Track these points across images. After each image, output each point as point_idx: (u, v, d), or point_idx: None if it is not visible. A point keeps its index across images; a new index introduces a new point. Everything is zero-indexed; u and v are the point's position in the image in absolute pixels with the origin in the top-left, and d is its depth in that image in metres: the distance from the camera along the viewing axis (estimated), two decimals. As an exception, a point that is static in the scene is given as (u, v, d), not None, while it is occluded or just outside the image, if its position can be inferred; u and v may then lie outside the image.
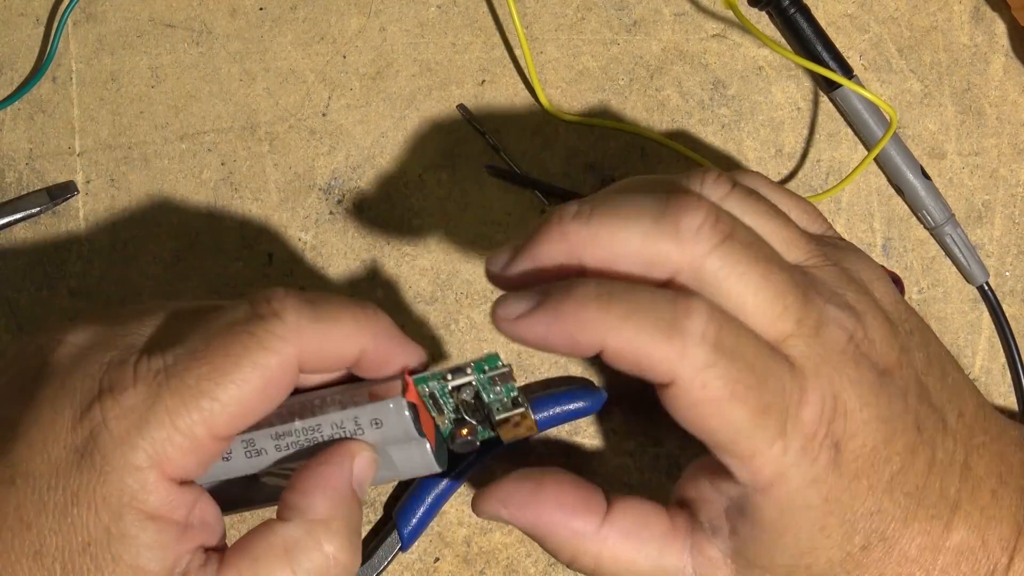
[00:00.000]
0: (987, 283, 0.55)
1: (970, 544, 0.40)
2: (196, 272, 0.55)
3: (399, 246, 0.55)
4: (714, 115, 0.56)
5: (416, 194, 0.56)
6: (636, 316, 0.37)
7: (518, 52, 0.56)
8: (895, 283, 0.52)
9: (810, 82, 0.56)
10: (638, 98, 0.56)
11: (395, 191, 0.56)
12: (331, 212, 0.55)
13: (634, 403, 0.54)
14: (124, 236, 0.55)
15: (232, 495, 0.44)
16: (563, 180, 0.55)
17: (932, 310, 0.55)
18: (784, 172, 0.56)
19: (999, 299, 0.55)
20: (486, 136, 0.56)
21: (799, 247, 0.40)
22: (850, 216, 0.56)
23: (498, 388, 0.42)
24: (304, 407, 0.42)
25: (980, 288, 0.55)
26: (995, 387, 0.55)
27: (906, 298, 0.54)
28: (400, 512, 0.53)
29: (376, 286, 0.55)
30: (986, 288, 0.55)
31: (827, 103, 0.56)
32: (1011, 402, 0.55)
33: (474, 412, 0.42)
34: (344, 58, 0.56)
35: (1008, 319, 0.55)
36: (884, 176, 0.56)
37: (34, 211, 0.55)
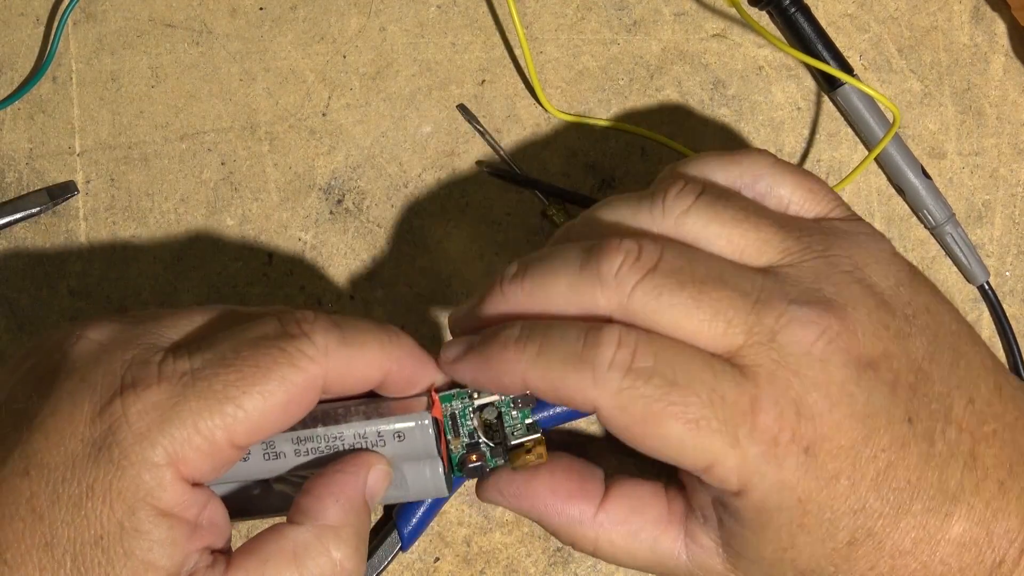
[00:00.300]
0: (987, 283, 0.55)
1: (973, 536, 0.39)
2: (196, 272, 0.55)
3: (399, 246, 0.55)
4: (714, 115, 0.56)
5: (416, 194, 0.56)
6: (548, 352, 0.39)
7: (518, 52, 0.56)
8: None
9: (810, 82, 0.56)
10: (638, 98, 0.56)
11: (395, 191, 0.56)
12: (331, 212, 0.55)
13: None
14: (124, 236, 0.55)
15: (242, 501, 0.44)
16: (563, 180, 0.55)
17: (932, 310, 0.56)
18: (784, 172, 0.56)
19: (999, 299, 0.55)
20: (486, 136, 0.56)
21: (773, 246, 0.40)
22: (850, 216, 0.56)
23: (515, 413, 0.42)
24: (328, 415, 0.42)
25: (980, 288, 0.55)
26: (995, 387, 0.55)
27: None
28: (400, 512, 0.53)
29: (376, 286, 0.55)
30: (986, 288, 0.55)
31: (827, 103, 0.56)
32: (1011, 402, 0.55)
33: (494, 433, 0.43)
34: (344, 58, 0.56)
35: (1008, 319, 0.55)
36: (884, 176, 0.56)
37: (34, 211, 0.55)
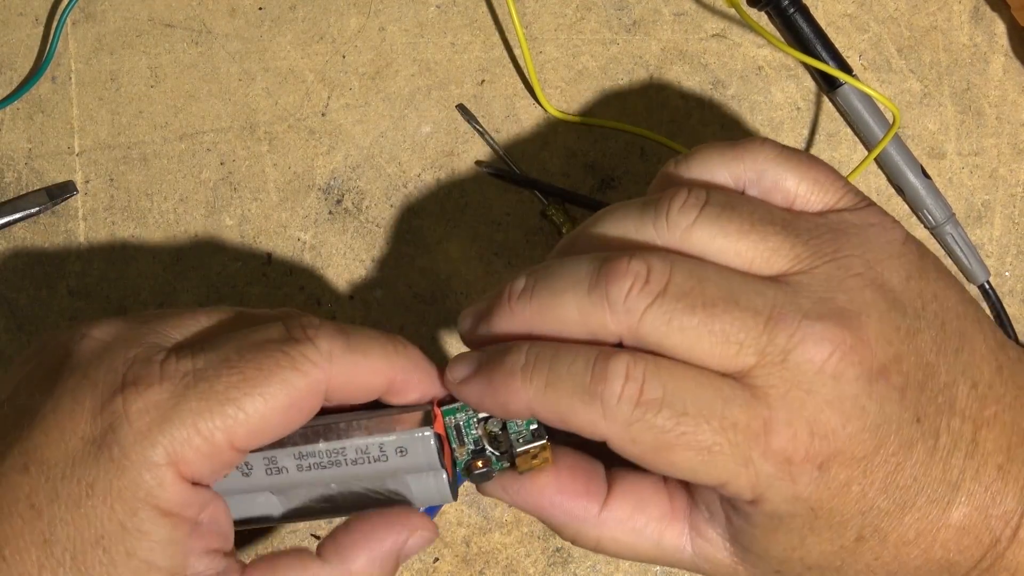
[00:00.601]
0: (988, 282, 0.55)
1: (972, 520, 0.40)
2: (195, 272, 0.55)
3: (399, 246, 0.55)
4: (714, 115, 0.56)
5: (416, 194, 0.55)
6: (555, 384, 0.39)
7: (518, 52, 0.56)
8: None
9: (810, 82, 0.56)
10: (638, 98, 0.56)
11: (394, 191, 0.56)
12: (330, 212, 0.55)
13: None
14: (123, 236, 0.55)
15: (245, 510, 0.44)
16: (562, 180, 0.55)
17: (932, 310, 0.55)
18: (784, 172, 0.56)
19: (999, 298, 0.55)
20: (485, 136, 0.56)
21: (782, 255, 0.40)
22: (850, 216, 0.56)
23: (519, 420, 0.42)
24: (329, 429, 0.42)
25: (981, 287, 0.55)
26: (996, 387, 0.55)
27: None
28: (400, 512, 0.53)
29: (376, 286, 0.55)
30: (987, 287, 0.55)
31: (827, 103, 0.56)
32: (1012, 402, 0.55)
33: (499, 443, 0.43)
34: (343, 58, 0.56)
35: (1009, 318, 0.55)
36: (884, 176, 0.56)
37: (33, 211, 0.55)
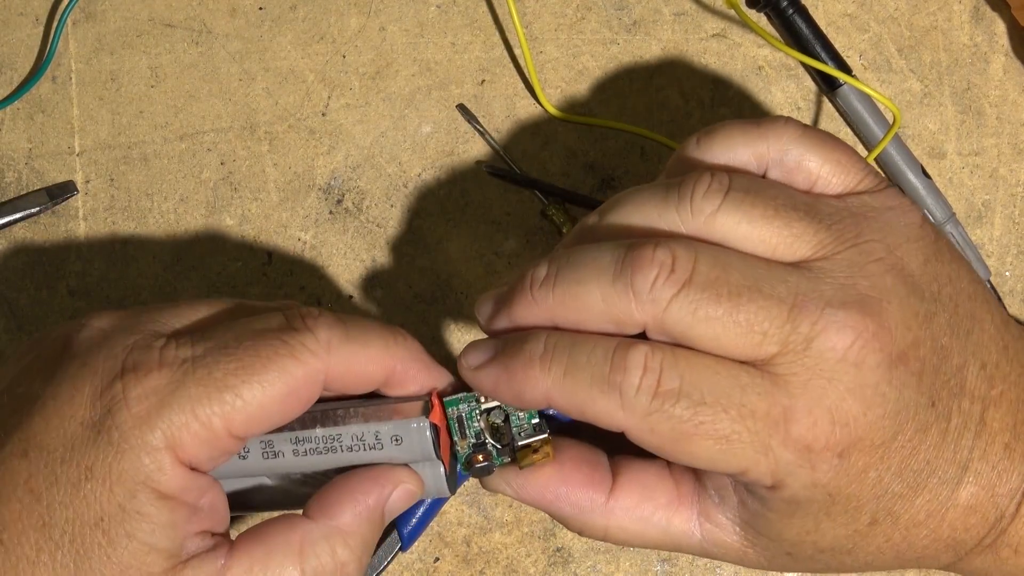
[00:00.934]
0: (988, 282, 0.55)
1: (979, 499, 0.40)
2: (196, 272, 0.55)
3: (399, 246, 0.55)
4: (714, 115, 0.56)
5: (416, 194, 0.55)
6: (574, 373, 0.39)
7: (518, 52, 0.56)
8: None
9: (810, 82, 0.56)
10: (638, 98, 0.56)
11: (395, 191, 0.56)
12: (331, 212, 0.55)
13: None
14: (124, 236, 0.55)
15: (241, 495, 0.44)
16: (562, 180, 0.55)
17: (933, 310, 0.55)
18: (784, 172, 0.56)
19: (1000, 298, 0.55)
20: (485, 136, 0.56)
21: (805, 241, 0.40)
22: (850, 216, 0.56)
23: (521, 413, 0.42)
24: (326, 416, 0.42)
25: (981, 287, 0.55)
26: (996, 387, 0.55)
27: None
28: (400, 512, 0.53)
29: (376, 286, 0.55)
30: (987, 287, 0.55)
31: (827, 103, 0.56)
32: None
33: (501, 436, 0.43)
34: (344, 58, 0.56)
35: (1009, 318, 0.55)
36: (884, 176, 0.56)
37: (34, 211, 0.55)
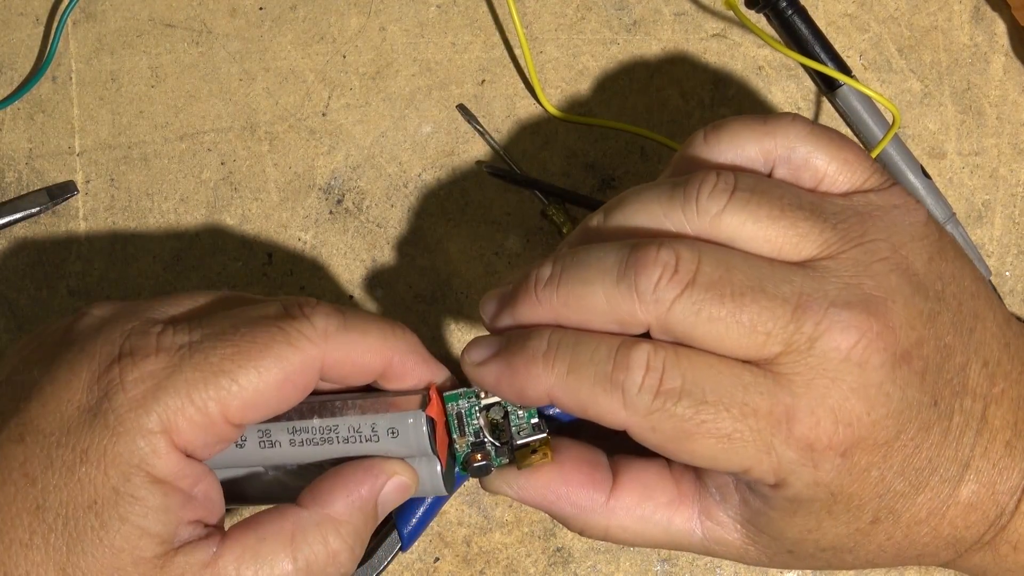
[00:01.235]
0: (988, 282, 0.55)
1: (980, 497, 0.40)
2: (196, 272, 0.55)
3: (399, 246, 0.55)
4: (714, 115, 0.56)
5: (416, 194, 0.56)
6: (577, 372, 0.39)
7: (518, 52, 0.56)
8: None
9: (811, 82, 0.56)
10: (638, 98, 0.56)
11: (395, 191, 0.56)
12: (331, 212, 0.55)
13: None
14: (124, 236, 0.55)
15: (238, 487, 0.44)
16: (563, 180, 0.55)
17: (933, 310, 0.55)
18: (784, 172, 0.56)
19: (1000, 298, 0.55)
20: (485, 136, 0.56)
21: (810, 240, 0.39)
22: (850, 216, 0.56)
23: (521, 412, 0.42)
24: (324, 406, 0.42)
25: (981, 287, 0.55)
26: (996, 387, 0.55)
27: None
28: (400, 512, 0.53)
29: (376, 286, 0.55)
30: (989, 284, 0.55)
31: (827, 103, 0.56)
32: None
33: (501, 433, 0.43)
34: (344, 58, 0.56)
35: (1009, 318, 0.55)
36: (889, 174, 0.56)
37: (34, 211, 0.55)
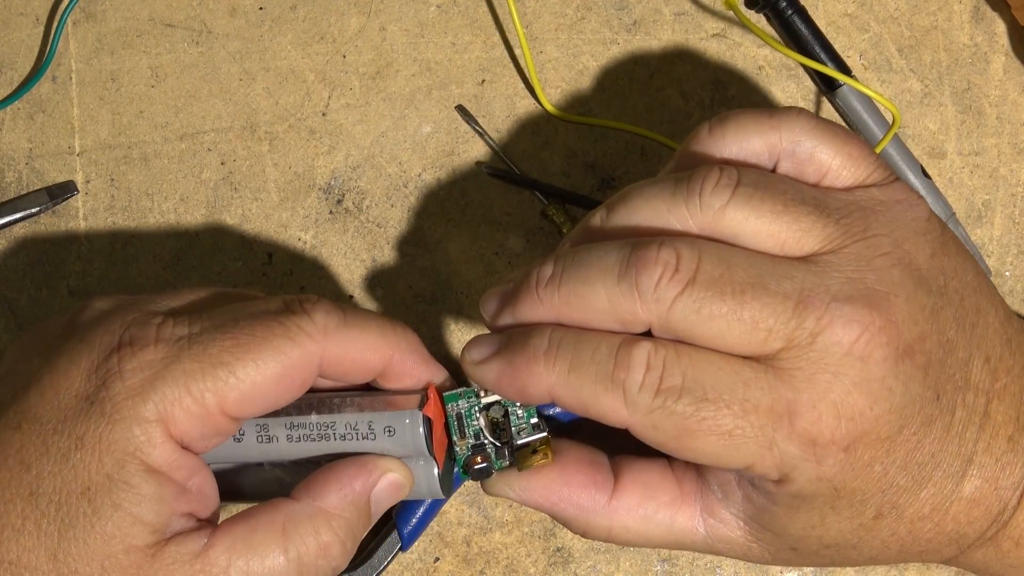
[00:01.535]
0: (988, 282, 0.55)
1: (983, 492, 0.40)
2: (196, 272, 0.55)
3: (399, 246, 0.55)
4: (714, 115, 0.56)
5: (416, 194, 0.56)
6: (579, 371, 0.39)
7: (518, 52, 0.56)
8: None
9: (810, 82, 0.56)
10: (638, 98, 0.56)
11: (395, 191, 0.56)
12: (331, 212, 0.55)
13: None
14: (124, 236, 0.55)
15: (235, 483, 0.44)
16: (563, 180, 0.55)
17: (932, 310, 0.55)
18: (784, 172, 0.56)
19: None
20: (485, 137, 0.56)
21: (813, 235, 0.40)
22: (850, 216, 0.56)
23: (520, 412, 0.42)
24: (322, 403, 0.42)
25: (980, 287, 0.55)
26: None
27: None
28: (400, 512, 0.53)
29: (376, 286, 0.55)
30: (991, 280, 0.55)
31: (827, 103, 0.56)
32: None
33: (501, 432, 0.43)
34: (344, 58, 0.56)
35: (1009, 318, 0.55)
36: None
37: (34, 211, 0.55)
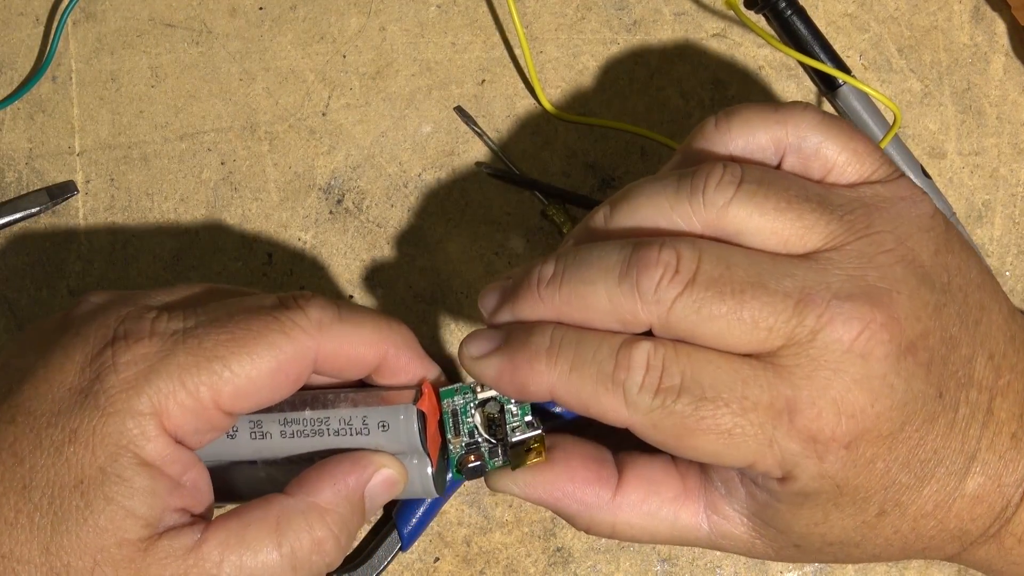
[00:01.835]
0: (988, 281, 0.55)
1: (986, 489, 0.40)
2: (196, 272, 0.55)
3: (399, 246, 0.55)
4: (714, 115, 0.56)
5: (416, 194, 0.56)
6: (580, 370, 0.39)
7: (518, 52, 0.56)
8: None
9: (810, 82, 0.56)
10: (638, 98, 0.56)
11: (395, 191, 0.56)
12: (331, 212, 0.55)
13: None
14: (124, 236, 0.55)
15: (228, 482, 0.44)
16: (563, 180, 0.55)
17: (932, 310, 0.55)
18: (784, 172, 0.56)
19: (1000, 298, 0.55)
20: (484, 137, 0.56)
21: (816, 232, 0.39)
22: (850, 216, 0.56)
23: (515, 409, 0.42)
24: (316, 399, 0.42)
25: (980, 287, 0.55)
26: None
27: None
28: (400, 512, 0.53)
29: (376, 286, 0.55)
30: (994, 277, 0.55)
31: (827, 103, 0.56)
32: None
33: (497, 428, 0.43)
34: (344, 58, 0.56)
35: (1009, 319, 0.55)
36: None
37: (34, 211, 0.55)
